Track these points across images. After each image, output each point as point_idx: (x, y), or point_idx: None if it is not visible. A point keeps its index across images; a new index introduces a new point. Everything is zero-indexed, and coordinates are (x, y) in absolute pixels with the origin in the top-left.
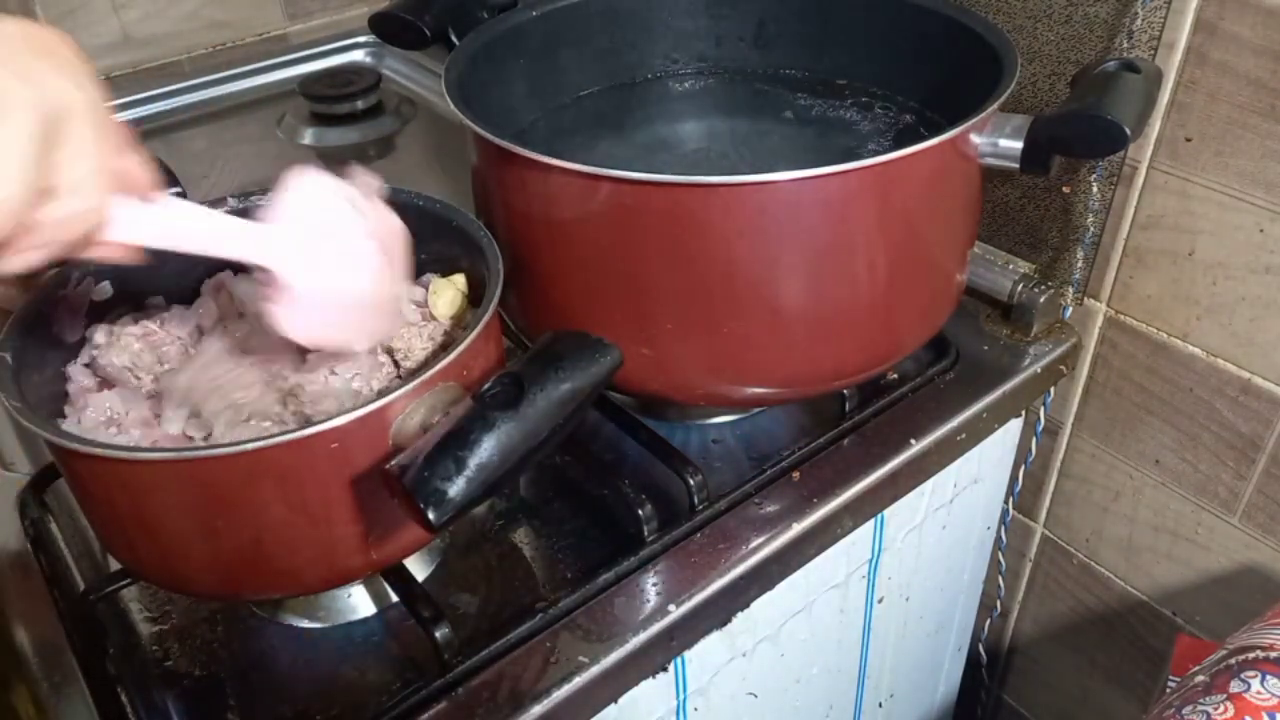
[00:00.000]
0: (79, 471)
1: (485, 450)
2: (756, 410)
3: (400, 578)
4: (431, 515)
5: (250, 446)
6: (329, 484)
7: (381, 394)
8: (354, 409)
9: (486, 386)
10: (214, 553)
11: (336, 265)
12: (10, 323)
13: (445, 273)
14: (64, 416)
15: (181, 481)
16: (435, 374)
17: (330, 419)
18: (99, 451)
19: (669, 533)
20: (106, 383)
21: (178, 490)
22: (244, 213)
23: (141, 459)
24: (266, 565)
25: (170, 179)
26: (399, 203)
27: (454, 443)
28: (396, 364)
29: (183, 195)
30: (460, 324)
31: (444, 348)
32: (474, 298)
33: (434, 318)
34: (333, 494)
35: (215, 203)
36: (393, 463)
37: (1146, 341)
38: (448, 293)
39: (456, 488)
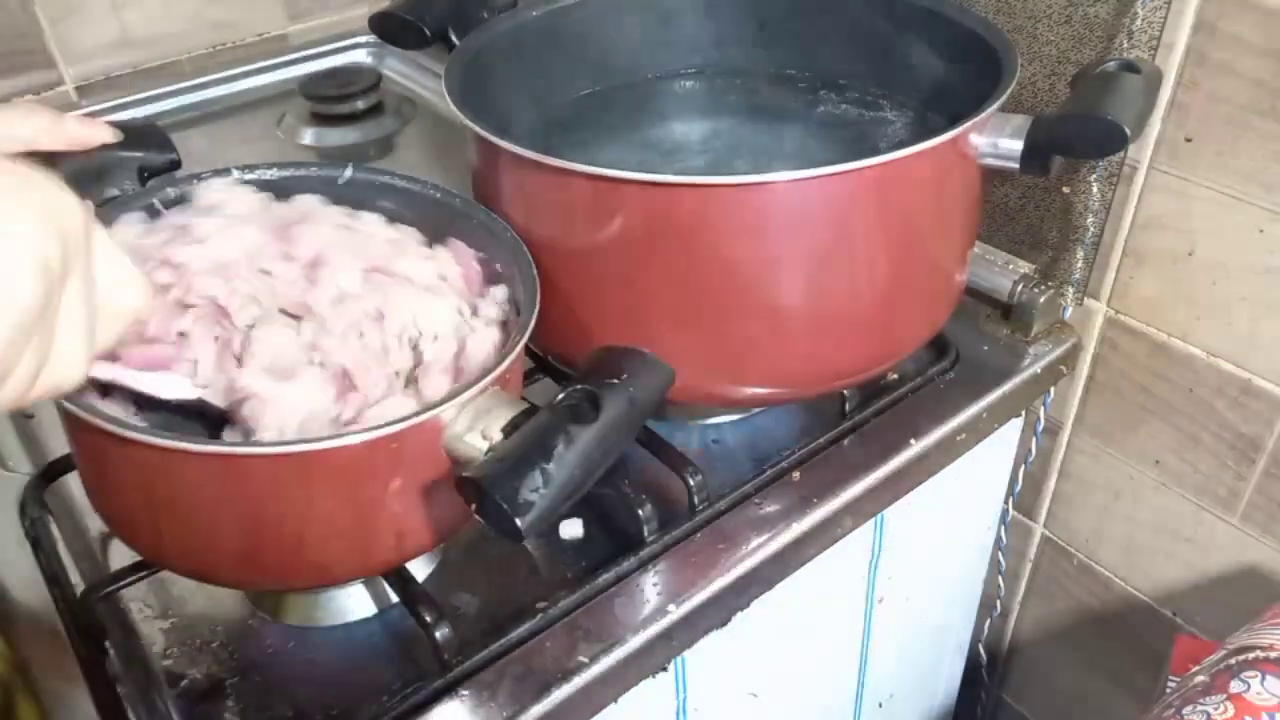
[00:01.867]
0: (112, 457)
1: (569, 462)
2: (756, 410)
3: (400, 578)
4: (520, 524)
5: (305, 448)
6: (379, 484)
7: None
8: (410, 416)
9: (560, 398)
10: (248, 543)
11: None
12: None
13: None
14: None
15: (224, 474)
16: (490, 380)
17: (388, 424)
18: (141, 437)
19: (669, 533)
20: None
21: (219, 483)
22: None
23: (184, 449)
24: (300, 557)
25: (166, 144)
26: (414, 193)
27: (539, 454)
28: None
29: (178, 162)
30: None
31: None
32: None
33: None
34: (380, 494)
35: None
36: (477, 471)
37: (1146, 341)
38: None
39: (544, 498)
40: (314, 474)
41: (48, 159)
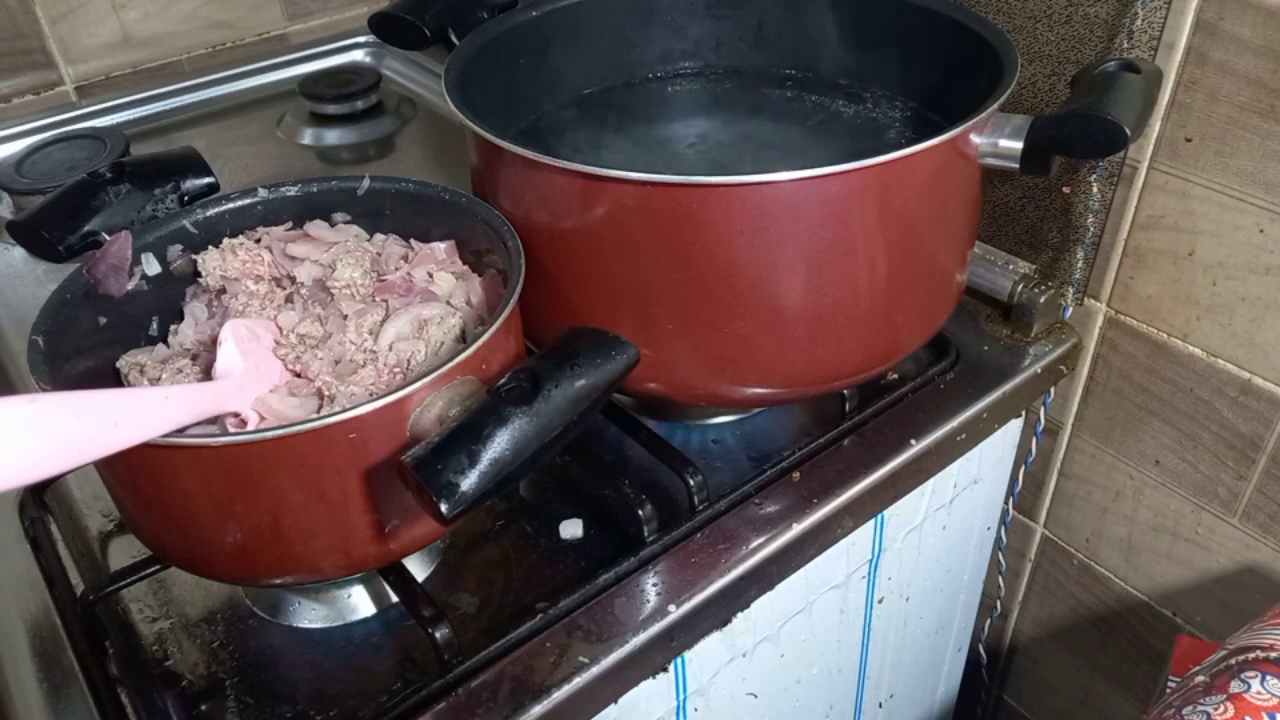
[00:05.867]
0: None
1: (499, 444)
2: (756, 410)
3: (400, 578)
4: (444, 508)
5: (270, 435)
6: (347, 472)
7: (400, 386)
8: (373, 400)
9: (502, 381)
10: (234, 536)
11: (262, 381)
12: (44, 308)
13: (474, 263)
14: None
15: (203, 467)
16: (454, 367)
17: (349, 409)
18: None
19: (669, 533)
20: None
21: (200, 475)
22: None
23: (165, 444)
24: (284, 551)
25: (204, 169)
26: (426, 195)
27: (467, 436)
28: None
29: (216, 185)
30: (481, 319)
31: (465, 340)
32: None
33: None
34: (350, 482)
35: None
36: (407, 455)
37: (1146, 342)
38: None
39: (469, 481)
40: (279, 461)
41: None
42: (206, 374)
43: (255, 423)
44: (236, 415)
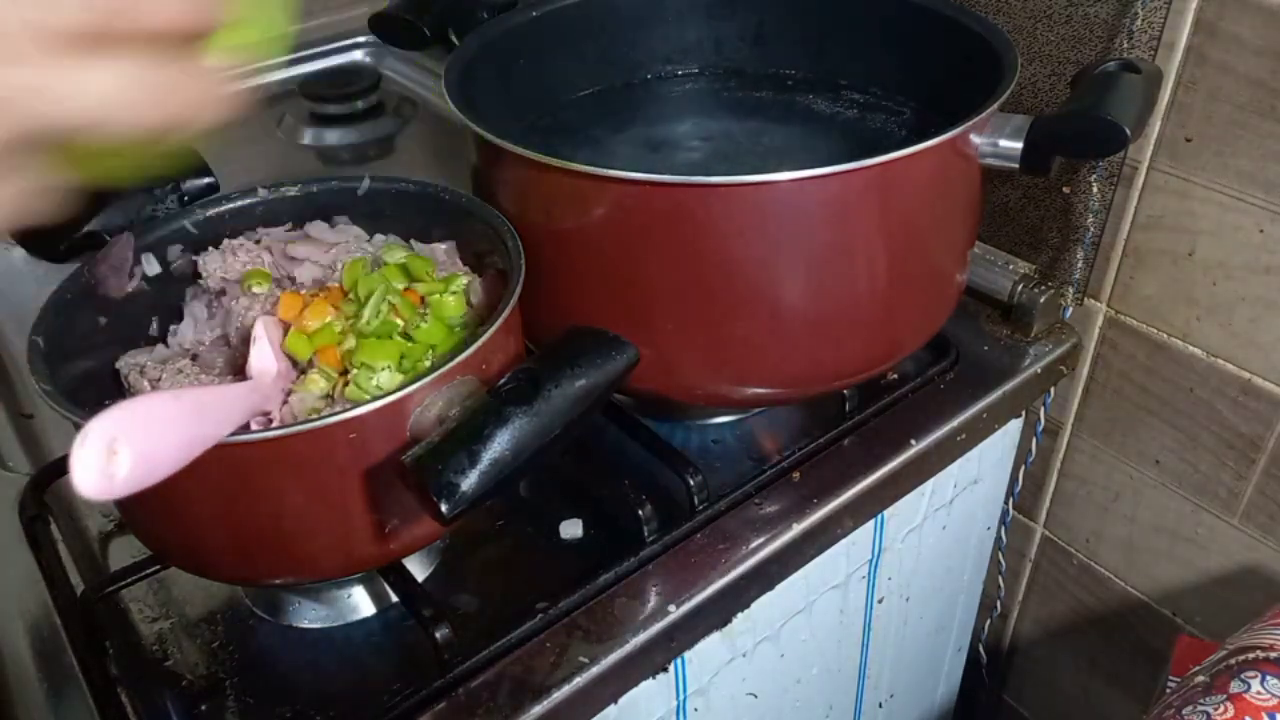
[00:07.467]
0: None
1: (499, 444)
2: (756, 410)
3: (400, 578)
4: (444, 508)
5: (270, 435)
6: (347, 472)
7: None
8: (373, 400)
9: (502, 381)
10: (234, 536)
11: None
12: (44, 307)
13: (475, 264)
14: (109, 398)
15: (203, 466)
16: (455, 367)
17: (349, 409)
18: None
19: (669, 533)
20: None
21: (199, 475)
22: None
23: None
24: (284, 550)
25: (204, 169)
26: (426, 195)
27: (468, 436)
28: None
29: (216, 185)
30: (482, 319)
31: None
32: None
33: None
34: (350, 483)
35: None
36: (407, 455)
37: (1146, 342)
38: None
39: (469, 481)
40: (279, 461)
41: None
42: (207, 375)
43: (280, 422)
44: (265, 414)
